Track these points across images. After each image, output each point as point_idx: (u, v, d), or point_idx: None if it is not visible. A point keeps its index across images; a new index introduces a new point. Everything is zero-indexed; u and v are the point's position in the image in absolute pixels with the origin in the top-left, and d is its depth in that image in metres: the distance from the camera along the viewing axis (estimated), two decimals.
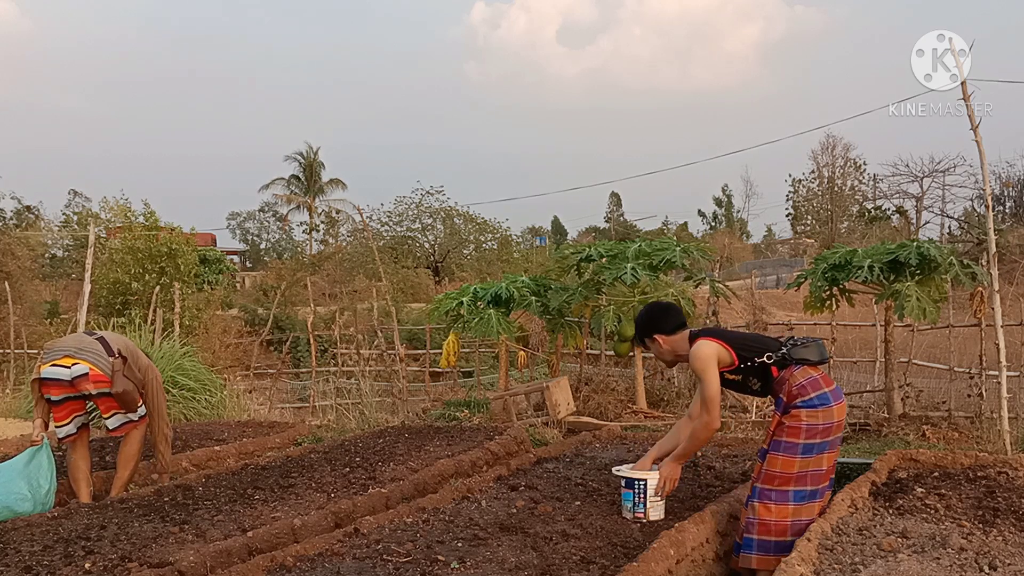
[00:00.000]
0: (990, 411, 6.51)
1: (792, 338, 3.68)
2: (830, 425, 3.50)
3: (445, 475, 4.82)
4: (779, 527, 3.44)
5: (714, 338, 3.63)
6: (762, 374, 3.60)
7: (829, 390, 3.52)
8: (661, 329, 3.76)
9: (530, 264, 30.68)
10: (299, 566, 3.12)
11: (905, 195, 34.40)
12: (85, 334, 5.17)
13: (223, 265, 31.43)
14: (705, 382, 3.55)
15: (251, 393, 11.61)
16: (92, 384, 4.77)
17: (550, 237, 56.31)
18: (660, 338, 3.75)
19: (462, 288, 9.20)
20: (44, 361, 4.80)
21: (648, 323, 3.81)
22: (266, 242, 60.58)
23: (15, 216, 33.86)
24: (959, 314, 8.99)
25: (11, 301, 13.98)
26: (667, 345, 3.75)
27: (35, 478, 4.59)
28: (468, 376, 15.31)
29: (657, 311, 3.87)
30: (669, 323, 3.76)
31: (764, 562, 3.42)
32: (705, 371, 3.55)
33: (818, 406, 3.47)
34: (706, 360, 3.55)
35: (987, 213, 5.81)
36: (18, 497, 4.47)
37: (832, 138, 45.12)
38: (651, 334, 3.78)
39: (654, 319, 3.80)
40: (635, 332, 3.91)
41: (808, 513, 3.47)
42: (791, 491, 3.47)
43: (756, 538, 3.45)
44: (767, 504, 3.46)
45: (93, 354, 4.84)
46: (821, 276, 6.90)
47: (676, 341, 3.74)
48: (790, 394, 3.51)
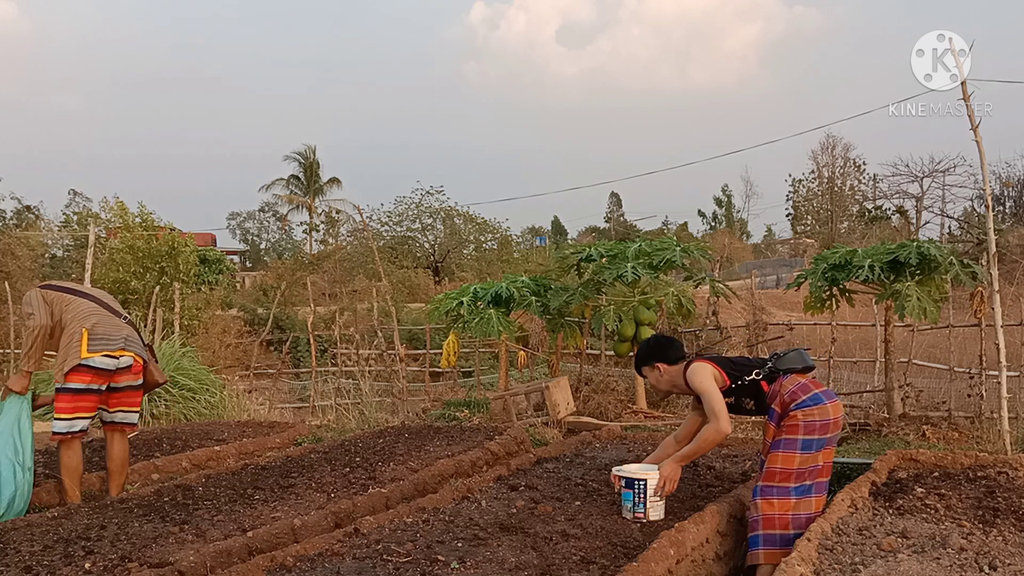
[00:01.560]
0: (990, 411, 6.51)
1: (775, 353, 3.88)
2: (827, 422, 3.61)
3: (445, 475, 4.83)
4: (783, 520, 3.53)
5: (708, 361, 3.85)
6: (754, 392, 3.78)
7: (820, 391, 3.67)
8: (666, 357, 3.94)
9: (530, 264, 30.66)
10: (299, 566, 3.12)
11: (905, 195, 34.38)
12: (116, 317, 4.82)
13: (223, 265, 31.41)
14: (709, 394, 3.69)
15: (251, 393, 11.61)
16: (134, 376, 4.74)
17: (550, 237, 56.27)
18: (661, 366, 3.94)
19: (462, 288, 9.20)
20: (96, 349, 4.58)
21: (654, 350, 4.00)
22: (266, 242, 60.63)
23: (15, 216, 33.88)
24: (959, 314, 8.99)
25: (11, 301, 13.96)
26: (667, 375, 3.93)
27: (21, 455, 4.39)
28: (468, 376, 15.30)
29: (664, 340, 4.09)
30: (673, 353, 3.95)
31: (771, 556, 3.48)
32: (706, 385, 3.71)
33: (812, 405, 3.61)
34: (705, 376, 3.74)
35: (987, 213, 5.80)
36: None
37: (832, 138, 45.13)
38: (653, 361, 3.96)
39: (661, 347, 4.00)
40: (638, 360, 4.09)
41: (806, 507, 3.56)
42: (792, 487, 3.57)
43: (762, 533, 3.54)
44: (769, 500, 3.56)
45: (138, 345, 4.80)
46: (821, 276, 6.89)
47: (674, 371, 3.92)
48: (783, 403, 3.65)
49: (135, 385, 4.85)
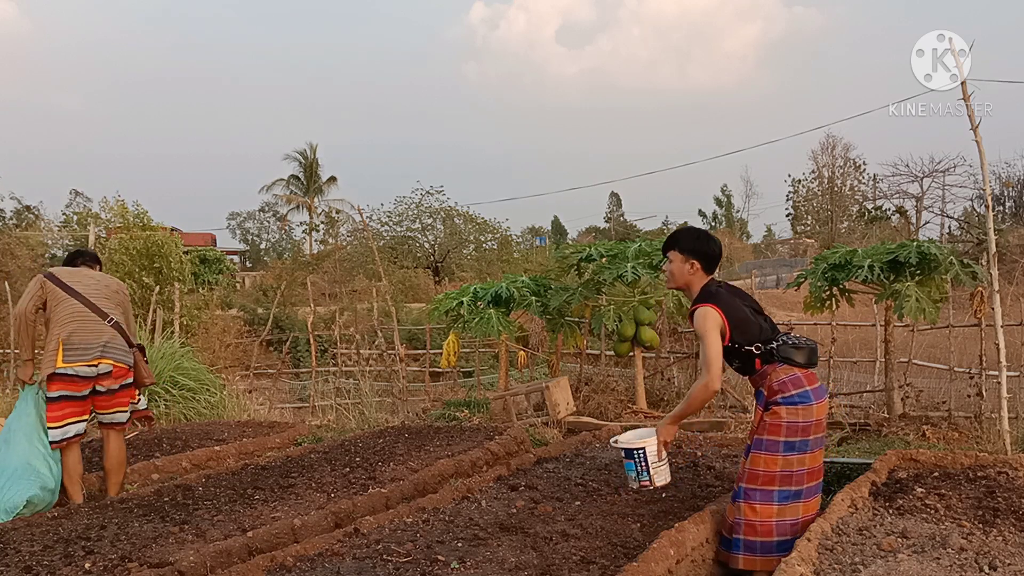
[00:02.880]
0: (990, 411, 6.51)
1: (789, 335, 3.63)
2: (810, 424, 3.47)
3: (445, 475, 4.82)
4: (764, 527, 3.43)
5: (721, 311, 3.53)
6: (745, 360, 3.58)
7: (811, 388, 3.49)
8: (679, 246, 3.68)
9: (530, 264, 30.66)
10: (299, 566, 3.12)
11: (905, 195, 34.36)
12: (99, 320, 4.77)
13: (223, 265, 31.40)
14: (707, 343, 3.48)
15: (251, 393, 11.60)
16: (115, 380, 4.75)
17: (550, 237, 56.32)
18: (672, 255, 3.69)
19: (462, 288, 9.19)
20: (71, 360, 4.60)
21: (695, 243, 3.70)
22: (266, 242, 60.66)
23: (15, 216, 33.88)
24: (959, 314, 8.99)
25: (11, 301, 13.96)
26: (674, 265, 3.68)
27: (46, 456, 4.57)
28: (468, 376, 15.30)
29: (688, 231, 3.79)
30: (688, 245, 3.67)
31: (750, 563, 3.44)
32: (707, 333, 3.48)
33: (798, 403, 3.45)
34: (709, 323, 3.49)
35: (987, 213, 5.80)
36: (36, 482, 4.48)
37: (832, 138, 45.17)
38: (689, 255, 3.67)
39: (704, 249, 3.68)
40: (674, 240, 3.77)
41: (792, 513, 3.45)
42: (775, 491, 3.45)
43: (743, 538, 3.46)
44: (752, 504, 3.46)
45: (119, 351, 4.81)
46: (821, 276, 6.89)
47: (685, 271, 3.66)
48: (771, 389, 3.50)
49: (127, 384, 4.88)
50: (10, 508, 4.34)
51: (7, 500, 4.36)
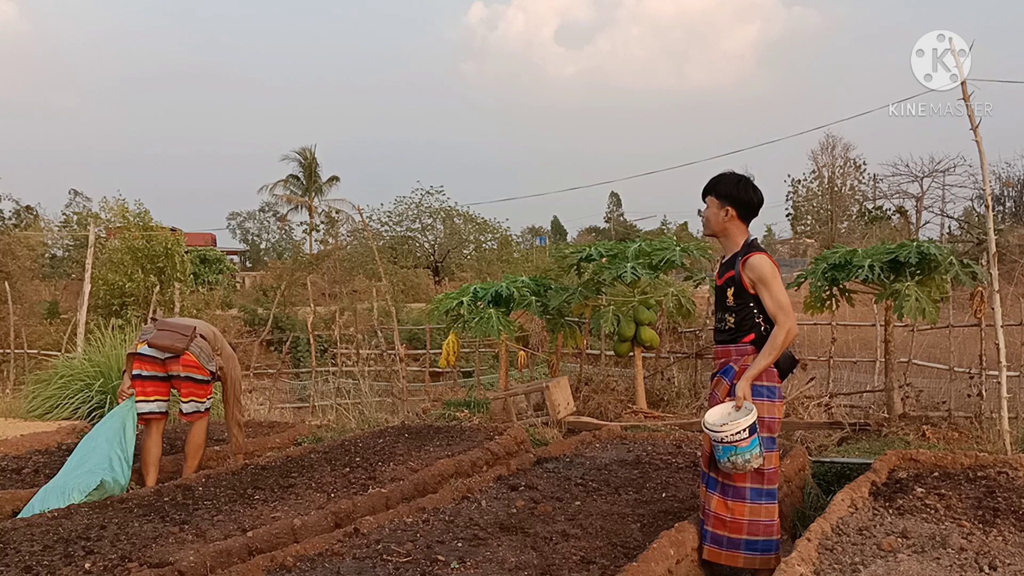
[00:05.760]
0: (990, 411, 6.50)
1: None
2: (775, 420, 3.42)
3: (445, 475, 4.82)
4: (734, 525, 3.39)
5: (775, 263, 3.45)
6: (744, 324, 3.45)
7: (779, 386, 3.45)
8: (716, 190, 3.53)
9: (530, 264, 30.64)
10: (299, 566, 3.12)
11: (905, 195, 34.33)
12: (184, 319, 5.78)
13: (223, 265, 31.42)
14: (774, 289, 3.36)
15: (251, 393, 11.60)
16: (181, 366, 5.25)
17: (550, 237, 56.30)
18: (709, 199, 3.55)
19: (462, 288, 9.19)
20: (143, 339, 5.23)
21: (713, 181, 3.56)
22: (266, 242, 60.66)
23: (14, 216, 33.86)
24: (959, 314, 8.98)
25: (11, 301, 13.96)
26: (709, 210, 3.54)
27: (125, 448, 5.05)
28: (468, 376, 15.29)
29: (728, 175, 3.58)
30: (725, 190, 3.51)
31: (713, 554, 3.41)
32: (773, 279, 3.36)
33: (767, 398, 3.39)
34: (773, 269, 3.38)
35: (987, 213, 5.80)
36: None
37: (832, 138, 45.06)
38: (708, 193, 3.56)
39: (721, 179, 3.55)
40: (715, 185, 3.59)
41: (768, 514, 3.37)
42: (748, 488, 3.37)
43: (710, 531, 3.43)
44: (724, 500, 3.41)
45: (164, 335, 5.29)
46: (821, 276, 6.89)
47: (720, 217, 3.51)
48: (743, 368, 3.40)
49: (192, 377, 5.33)
50: (83, 488, 4.65)
51: (83, 483, 4.69)
